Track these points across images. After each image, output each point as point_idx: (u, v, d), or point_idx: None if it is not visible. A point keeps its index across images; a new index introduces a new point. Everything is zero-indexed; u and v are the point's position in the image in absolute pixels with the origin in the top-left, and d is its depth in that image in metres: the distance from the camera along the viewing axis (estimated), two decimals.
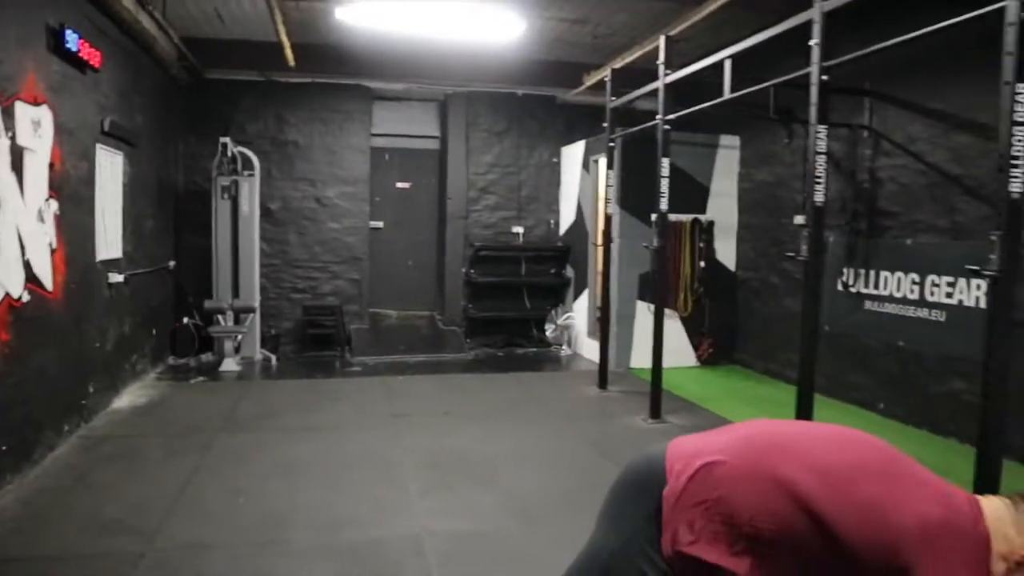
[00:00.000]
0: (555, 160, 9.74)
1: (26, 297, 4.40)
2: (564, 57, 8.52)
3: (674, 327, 7.80)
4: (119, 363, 6.30)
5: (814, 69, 3.96)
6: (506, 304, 9.60)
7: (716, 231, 8.31)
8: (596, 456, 5.03)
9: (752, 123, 7.75)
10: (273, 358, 8.30)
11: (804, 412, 3.87)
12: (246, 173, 8.20)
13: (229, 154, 8.10)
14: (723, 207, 8.31)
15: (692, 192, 8.10)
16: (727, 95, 5.06)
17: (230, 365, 7.69)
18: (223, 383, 7.22)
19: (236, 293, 8.10)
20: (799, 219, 6.77)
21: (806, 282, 4.13)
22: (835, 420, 4.88)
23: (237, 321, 8.04)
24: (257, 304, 8.25)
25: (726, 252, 8.37)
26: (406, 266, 9.82)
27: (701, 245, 8.16)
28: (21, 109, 4.34)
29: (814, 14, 3.94)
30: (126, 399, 6.28)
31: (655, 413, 5.91)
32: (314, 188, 9.09)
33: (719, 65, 5.20)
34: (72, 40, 4.93)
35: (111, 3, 5.51)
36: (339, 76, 8.80)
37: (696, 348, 8.28)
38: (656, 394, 5.92)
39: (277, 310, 8.93)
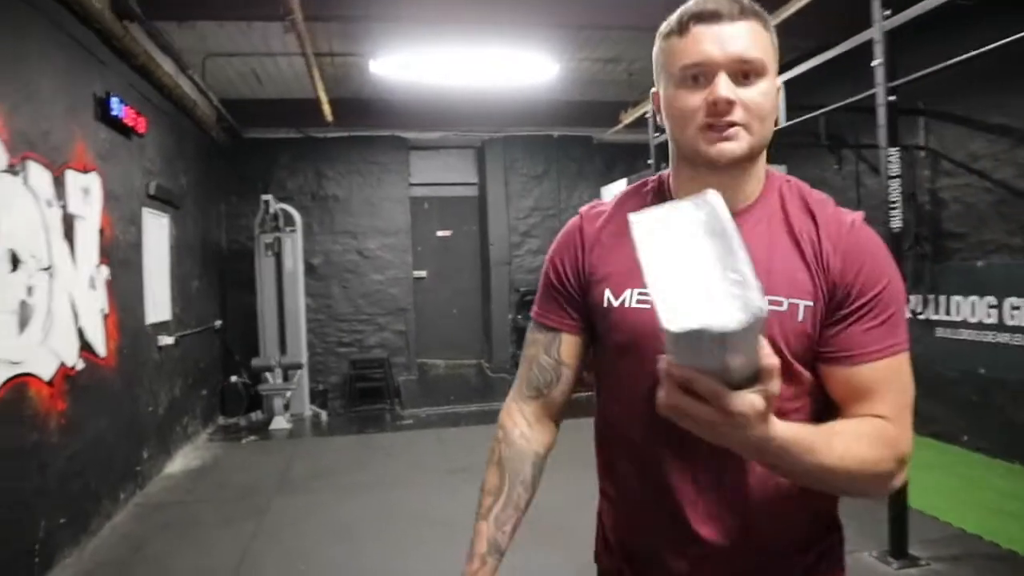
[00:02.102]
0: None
1: (80, 365, 4.34)
2: (599, 96, 8.46)
3: None
4: (171, 426, 6.23)
5: (879, 90, 3.80)
6: None
7: None
8: None
9: (798, 151, 7.56)
10: (323, 414, 8.19)
11: None
12: (288, 229, 8.21)
13: (271, 211, 8.13)
14: None
15: None
16: (782, 123, 4.91)
17: (280, 423, 7.59)
18: (274, 441, 7.12)
19: (283, 350, 8.05)
20: None
21: None
22: (921, 458, 4.61)
23: (285, 378, 7.96)
24: (305, 360, 8.18)
25: None
26: (451, 315, 9.72)
27: None
28: (71, 177, 4.35)
29: (875, 33, 3.79)
30: (179, 462, 6.19)
31: None
32: (356, 241, 9.07)
33: None
34: (118, 108, 4.97)
35: (153, 70, 5.57)
36: (375, 128, 8.84)
37: None
38: None
39: (324, 365, 8.85)
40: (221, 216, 8.59)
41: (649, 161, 6.97)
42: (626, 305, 1.16)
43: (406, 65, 6.79)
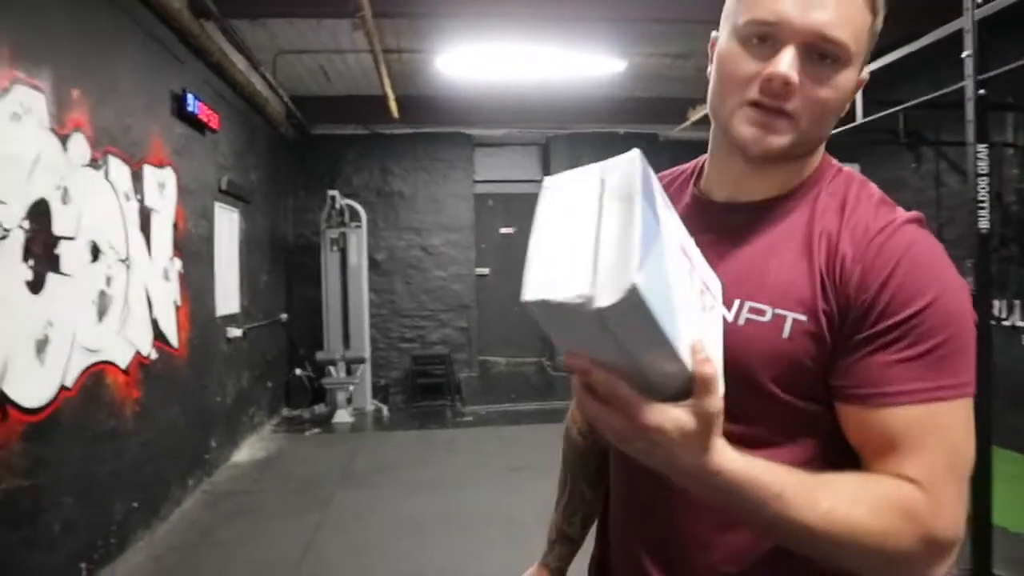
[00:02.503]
0: None
1: (154, 355, 4.46)
2: (667, 93, 8.30)
3: None
4: (238, 416, 6.37)
5: (969, 83, 3.59)
6: None
7: None
8: None
9: (872, 148, 7.28)
10: (384, 408, 8.27)
11: (981, 465, 3.42)
12: (353, 225, 8.31)
13: (337, 207, 8.24)
14: None
15: None
16: (859, 120, 4.72)
17: (343, 416, 7.69)
18: (337, 435, 7.21)
19: (347, 344, 8.15)
20: None
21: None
22: (1006, 471, 4.37)
23: (349, 372, 8.06)
24: (368, 355, 8.27)
25: None
26: (513, 312, 9.66)
27: None
28: (149, 172, 4.47)
29: (965, 23, 3.59)
30: (245, 452, 6.32)
31: None
32: (419, 237, 9.13)
33: None
34: (193, 104, 5.09)
35: (227, 67, 5.69)
36: (441, 125, 8.87)
37: None
38: None
39: (386, 360, 8.93)
40: (289, 211, 8.75)
41: None
42: None
43: (472, 62, 6.78)
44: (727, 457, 0.71)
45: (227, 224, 6.20)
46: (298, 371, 8.24)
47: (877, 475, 0.80)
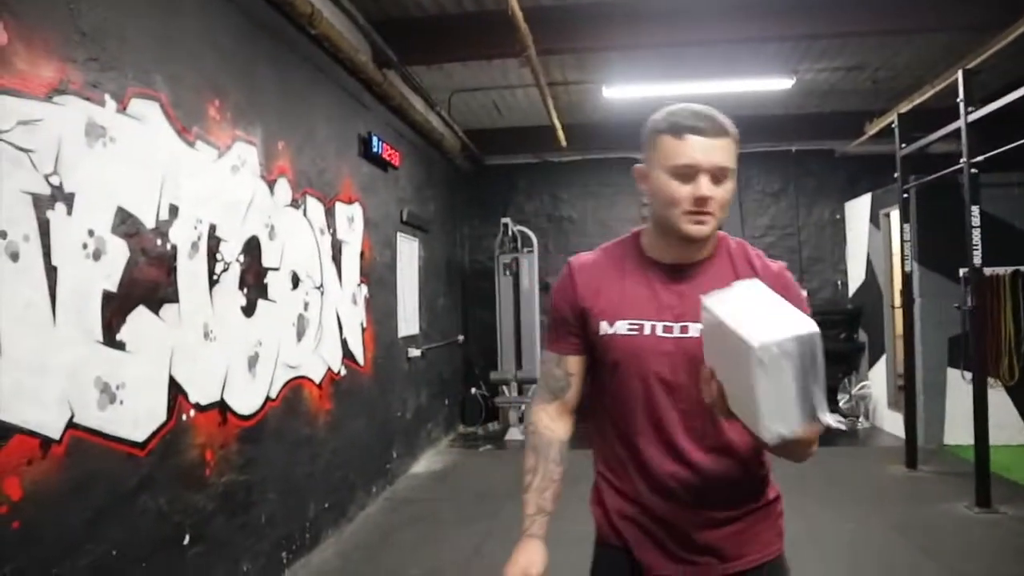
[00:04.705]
0: (838, 217, 9.09)
1: (343, 371, 4.99)
2: (840, 107, 8.01)
3: (998, 398, 6.71)
4: (417, 431, 6.87)
5: None
6: None
7: None
8: (911, 550, 4.41)
9: None
10: None
11: None
12: (525, 250, 8.69)
13: (509, 233, 8.66)
14: None
15: (1009, 241, 7.02)
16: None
17: (515, 434, 8.02)
18: (509, 451, 7.54)
19: (519, 364, 8.50)
20: None
21: None
22: None
23: (521, 392, 8.41)
24: (539, 375, 8.55)
25: None
26: None
27: None
28: (340, 208, 5.03)
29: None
30: (423, 464, 6.80)
31: (983, 500, 5.01)
32: None
33: None
34: (377, 145, 5.65)
35: (407, 109, 6.24)
36: (609, 151, 9.05)
37: None
38: (983, 477, 5.04)
39: None
40: (464, 238, 9.30)
41: (895, 174, 6.49)
42: (618, 333, 1.54)
43: (637, 89, 6.94)
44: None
45: (408, 252, 6.76)
46: (473, 390, 8.70)
47: None
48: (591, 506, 1.72)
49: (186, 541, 3.09)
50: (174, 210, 3.10)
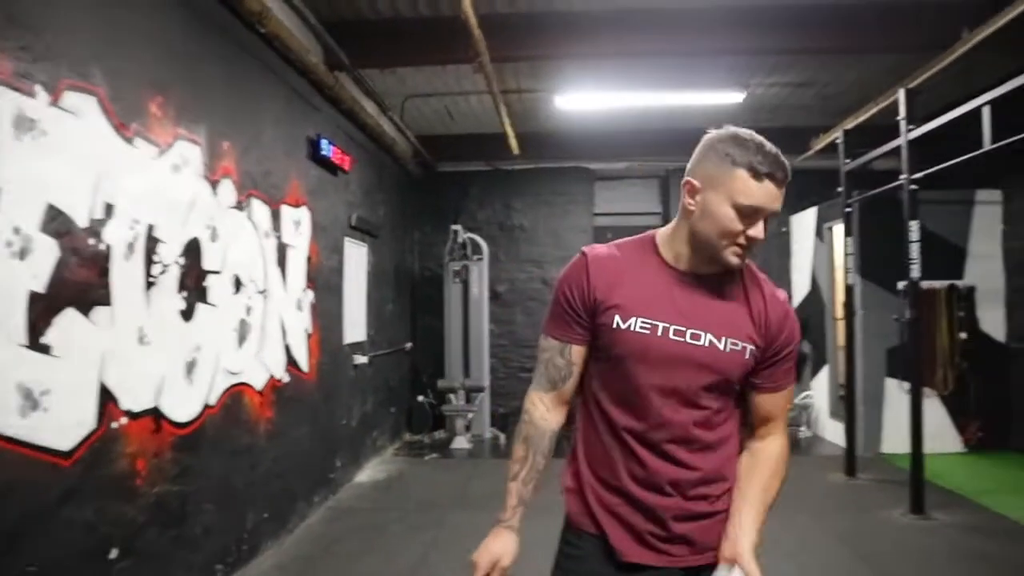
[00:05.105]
0: (784, 230, 9.27)
1: (286, 378, 4.87)
2: (788, 122, 8.18)
3: (933, 407, 6.93)
4: (362, 439, 6.75)
5: None
6: None
7: (978, 298, 7.37)
8: (849, 556, 4.50)
9: (1016, 174, 6.89)
10: (502, 436, 8.48)
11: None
12: (475, 258, 8.64)
13: (460, 240, 8.61)
14: (985, 270, 7.37)
15: (946, 255, 7.28)
16: (988, 146, 4.52)
17: (461, 443, 7.96)
18: (455, 460, 7.48)
19: (467, 373, 8.44)
20: None
21: None
22: None
23: (468, 400, 8.35)
24: (487, 383, 8.53)
25: (993, 321, 7.38)
26: None
27: (960, 314, 7.26)
28: (286, 211, 4.92)
29: None
30: (367, 473, 6.68)
31: (917, 507, 5.17)
32: (540, 269, 9.35)
33: (971, 114, 4.69)
34: (327, 148, 5.55)
35: (358, 112, 6.15)
36: (561, 160, 9.11)
37: (962, 431, 7.28)
38: (917, 484, 5.20)
39: (506, 389, 9.15)
40: (414, 244, 9.21)
41: (839, 189, 6.64)
42: (631, 329, 1.58)
43: (590, 99, 6.98)
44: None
45: (356, 257, 6.65)
46: (420, 398, 8.61)
47: (763, 460, 1.69)
48: (566, 491, 1.75)
49: (113, 555, 2.95)
50: (109, 209, 2.97)
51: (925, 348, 6.88)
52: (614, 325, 1.59)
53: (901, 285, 6.60)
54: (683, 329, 1.57)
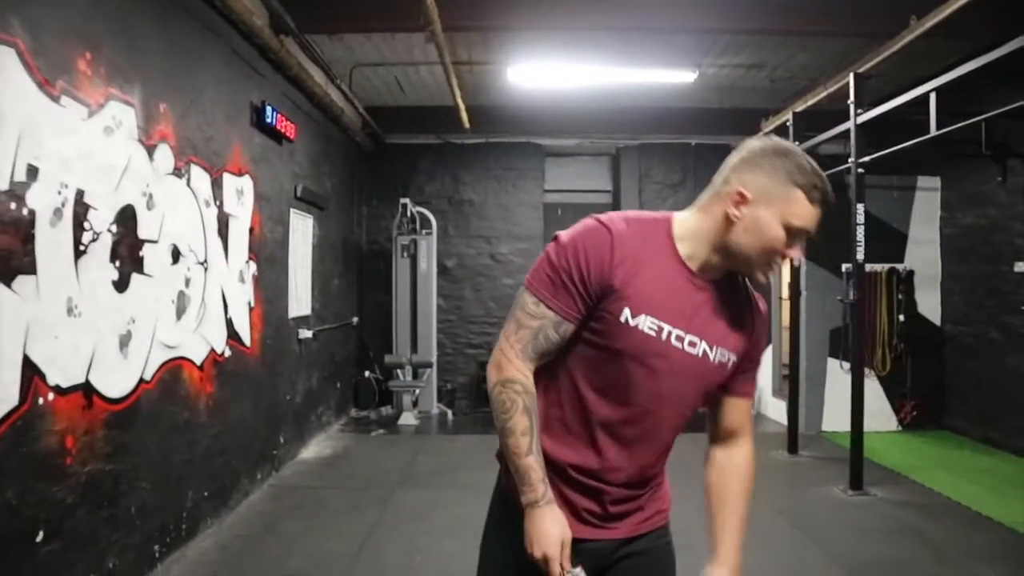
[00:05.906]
0: None
1: (228, 352, 4.71)
2: (739, 104, 8.23)
3: (871, 387, 7.10)
4: (307, 415, 6.61)
5: None
6: None
7: (916, 281, 7.57)
8: (789, 530, 4.59)
9: (955, 162, 7.05)
10: (449, 412, 8.43)
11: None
12: (424, 232, 8.52)
13: (408, 214, 8.46)
14: (924, 255, 7.57)
15: (887, 240, 7.45)
16: (934, 132, 4.60)
17: (408, 419, 7.88)
18: (402, 436, 7.40)
19: (415, 348, 8.35)
20: None
21: None
22: None
23: (415, 376, 8.26)
24: (434, 359, 8.45)
25: (929, 304, 7.59)
26: None
27: (900, 297, 7.45)
28: (228, 180, 4.73)
29: None
30: (312, 450, 6.56)
31: (856, 483, 5.31)
32: (489, 245, 9.27)
33: (919, 100, 4.76)
34: (271, 115, 5.35)
35: (304, 80, 5.95)
36: (512, 135, 9.01)
37: (897, 411, 7.50)
38: (856, 461, 5.34)
39: (453, 365, 9.09)
40: (362, 218, 9.03)
41: None
42: (639, 327, 1.49)
43: (543, 72, 6.88)
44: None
45: (302, 229, 6.47)
46: (367, 373, 8.49)
47: (735, 478, 1.73)
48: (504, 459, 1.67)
49: (40, 537, 2.80)
50: (33, 171, 2.78)
51: (865, 330, 7.05)
52: (622, 319, 1.49)
53: (845, 268, 6.73)
54: (682, 335, 1.52)
